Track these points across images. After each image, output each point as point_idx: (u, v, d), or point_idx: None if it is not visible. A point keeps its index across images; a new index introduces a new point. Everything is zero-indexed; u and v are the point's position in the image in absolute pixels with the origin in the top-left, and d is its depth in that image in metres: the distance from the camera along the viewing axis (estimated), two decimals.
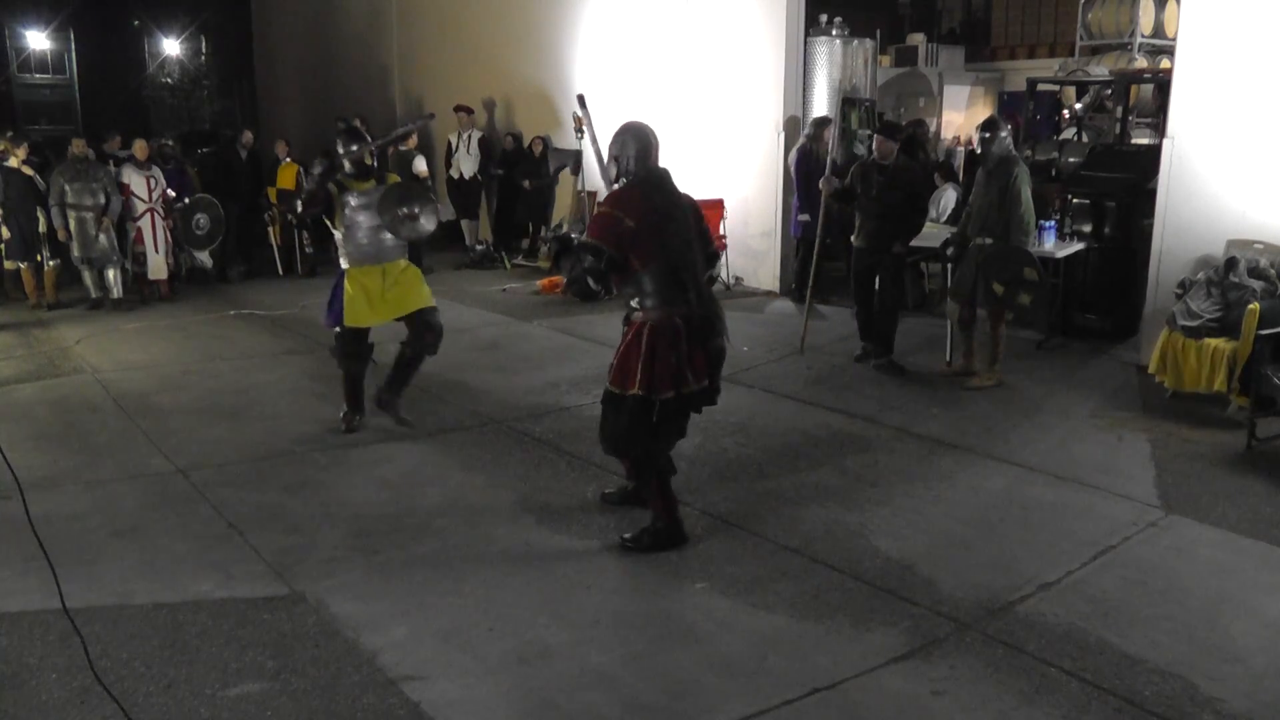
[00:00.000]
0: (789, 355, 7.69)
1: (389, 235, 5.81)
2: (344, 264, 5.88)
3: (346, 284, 5.81)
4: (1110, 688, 3.39)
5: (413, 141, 11.90)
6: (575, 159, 11.74)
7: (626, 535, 4.49)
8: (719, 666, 3.54)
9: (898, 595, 4.03)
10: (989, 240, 6.75)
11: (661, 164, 4.44)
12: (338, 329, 5.91)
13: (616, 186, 4.38)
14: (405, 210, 5.73)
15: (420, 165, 11.72)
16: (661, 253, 4.21)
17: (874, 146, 7.47)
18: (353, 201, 5.77)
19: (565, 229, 11.46)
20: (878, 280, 7.43)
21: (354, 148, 5.86)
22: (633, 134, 4.37)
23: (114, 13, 24.67)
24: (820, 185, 7.64)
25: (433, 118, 9.24)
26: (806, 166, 9.58)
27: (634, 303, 4.31)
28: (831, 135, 8.99)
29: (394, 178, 6.11)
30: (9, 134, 10.44)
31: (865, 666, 3.54)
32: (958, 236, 7.10)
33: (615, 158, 4.39)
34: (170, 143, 11.67)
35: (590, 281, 4.27)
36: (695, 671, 3.51)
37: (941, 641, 3.71)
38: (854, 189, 7.36)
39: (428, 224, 5.85)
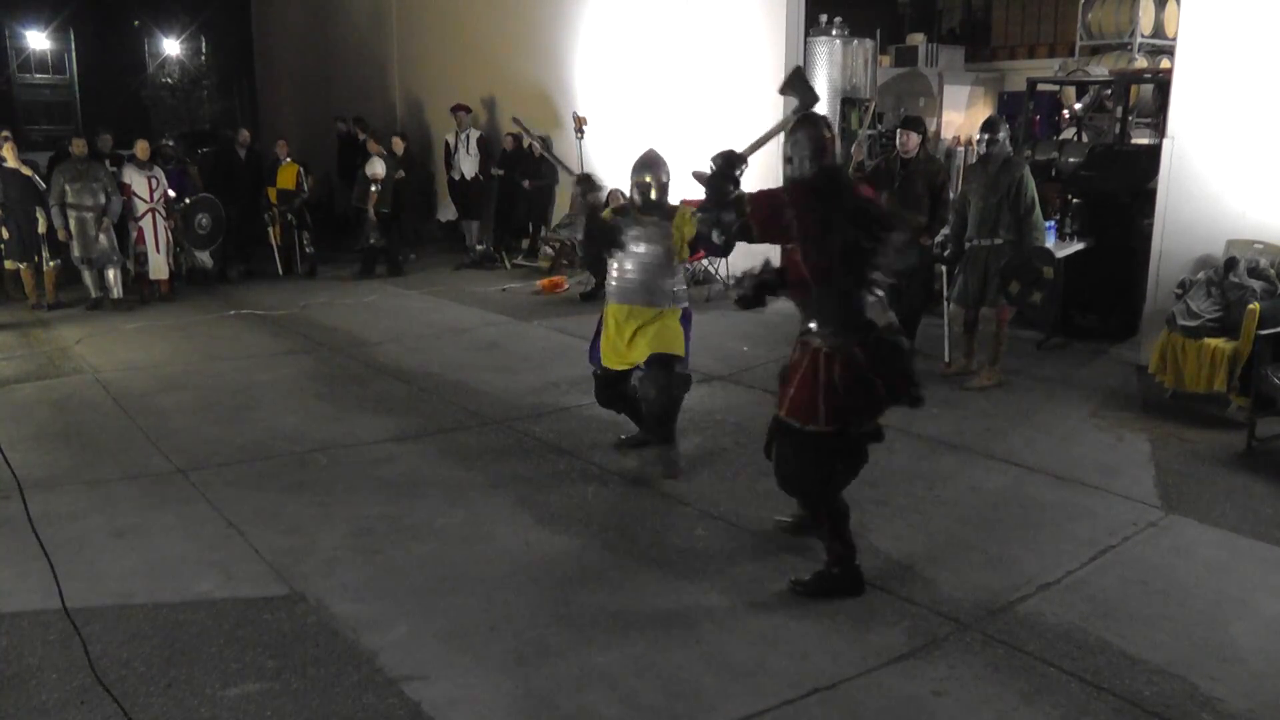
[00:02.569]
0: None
1: (646, 277, 5.29)
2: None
3: (605, 318, 5.42)
4: (1110, 688, 3.39)
5: (374, 146, 11.71)
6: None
7: (795, 579, 4.10)
8: (719, 666, 3.54)
9: (898, 595, 4.03)
10: (998, 241, 6.74)
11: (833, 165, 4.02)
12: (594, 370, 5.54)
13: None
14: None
15: (377, 168, 11.42)
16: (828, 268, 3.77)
17: (897, 140, 7.51)
18: (632, 232, 5.29)
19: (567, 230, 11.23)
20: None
21: (647, 178, 5.34)
22: (804, 129, 3.94)
23: (114, 13, 24.72)
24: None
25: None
26: None
27: (810, 325, 3.95)
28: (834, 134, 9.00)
29: (685, 212, 5.16)
30: (4, 132, 10.43)
31: (865, 666, 3.54)
32: (953, 239, 7.10)
33: (788, 159, 3.96)
34: (171, 143, 11.66)
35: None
36: (695, 671, 3.51)
37: (941, 641, 3.71)
38: (878, 179, 7.51)
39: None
